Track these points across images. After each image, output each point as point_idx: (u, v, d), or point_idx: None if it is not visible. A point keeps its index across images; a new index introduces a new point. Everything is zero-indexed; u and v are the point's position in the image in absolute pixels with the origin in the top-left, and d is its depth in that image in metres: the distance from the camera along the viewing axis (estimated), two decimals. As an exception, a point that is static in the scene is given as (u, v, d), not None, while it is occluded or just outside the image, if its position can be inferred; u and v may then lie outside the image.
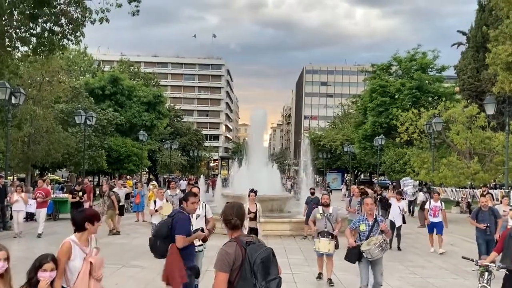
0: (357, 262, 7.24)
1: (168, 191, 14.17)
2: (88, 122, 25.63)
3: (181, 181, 36.18)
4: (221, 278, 3.30)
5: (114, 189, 16.89)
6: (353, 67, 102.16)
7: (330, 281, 8.87)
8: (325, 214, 9.16)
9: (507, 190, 18.52)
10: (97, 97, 40.83)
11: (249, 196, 10.21)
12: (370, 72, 43.02)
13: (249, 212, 9.75)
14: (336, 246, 8.75)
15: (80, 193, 15.70)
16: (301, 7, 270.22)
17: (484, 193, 15.87)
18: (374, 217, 7.30)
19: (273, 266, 3.38)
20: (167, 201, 11.65)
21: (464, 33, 39.20)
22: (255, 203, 10.18)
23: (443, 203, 13.41)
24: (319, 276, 9.24)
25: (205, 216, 7.28)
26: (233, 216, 3.56)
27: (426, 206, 13.69)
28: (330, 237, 8.69)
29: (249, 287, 3.27)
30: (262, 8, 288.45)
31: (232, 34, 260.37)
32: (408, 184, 25.90)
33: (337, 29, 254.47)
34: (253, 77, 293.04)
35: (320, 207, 9.47)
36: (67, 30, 15.06)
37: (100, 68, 56.65)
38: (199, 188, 8.40)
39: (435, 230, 13.08)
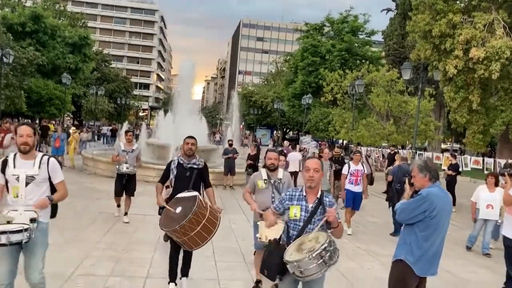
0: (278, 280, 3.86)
1: (121, 144, 9.68)
2: (5, 60, 24.14)
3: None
4: None
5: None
6: (289, 25, 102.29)
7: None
8: (272, 182, 5.61)
9: (414, 151, 20.16)
10: (16, 34, 37.95)
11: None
12: (304, 31, 43.64)
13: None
14: None
15: None
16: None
17: (392, 153, 17.23)
18: (319, 196, 3.88)
19: None
20: (119, 157, 9.19)
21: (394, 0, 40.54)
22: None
23: (365, 165, 10.34)
24: (258, 286, 5.80)
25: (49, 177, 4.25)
26: None
27: (344, 171, 10.08)
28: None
29: None
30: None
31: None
32: (307, 142, 27.31)
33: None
34: (189, 26, 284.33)
35: (262, 171, 5.74)
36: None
37: (21, 2, 52.23)
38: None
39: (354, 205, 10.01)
